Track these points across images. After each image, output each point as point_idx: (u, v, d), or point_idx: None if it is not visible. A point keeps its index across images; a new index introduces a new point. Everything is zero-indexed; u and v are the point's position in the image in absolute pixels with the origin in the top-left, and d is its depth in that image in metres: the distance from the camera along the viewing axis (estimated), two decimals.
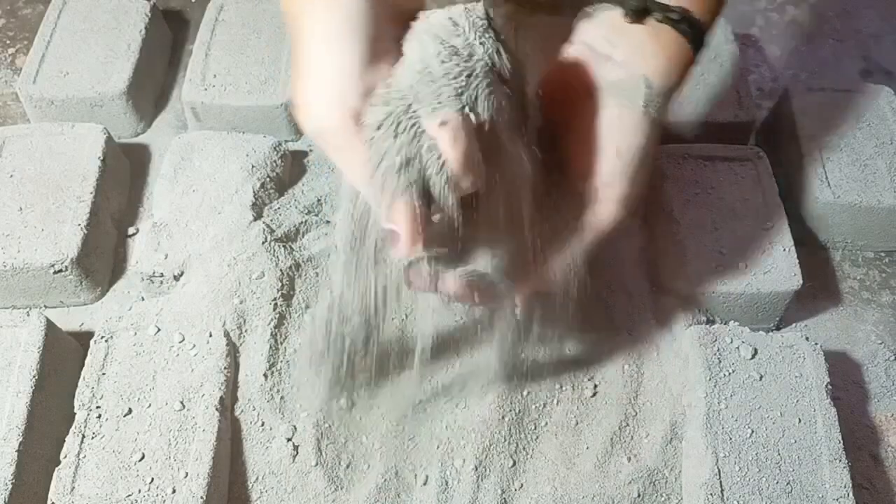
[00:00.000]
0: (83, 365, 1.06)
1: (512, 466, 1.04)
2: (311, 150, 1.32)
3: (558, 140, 0.91)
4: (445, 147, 0.77)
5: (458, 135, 0.77)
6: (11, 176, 1.21)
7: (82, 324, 1.19)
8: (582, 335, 1.10)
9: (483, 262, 0.90)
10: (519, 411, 1.07)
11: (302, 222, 1.19)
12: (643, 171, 0.89)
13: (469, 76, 0.77)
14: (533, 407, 1.07)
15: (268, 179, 1.23)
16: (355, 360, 0.96)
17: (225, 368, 1.06)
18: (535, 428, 1.07)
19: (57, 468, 0.99)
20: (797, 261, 1.16)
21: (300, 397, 1.05)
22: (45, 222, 1.17)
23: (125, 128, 1.37)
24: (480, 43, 0.78)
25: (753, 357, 1.07)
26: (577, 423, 1.07)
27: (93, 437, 1.00)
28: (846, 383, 1.15)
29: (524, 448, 1.06)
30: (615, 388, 1.10)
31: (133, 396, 1.03)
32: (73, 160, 1.23)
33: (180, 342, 1.08)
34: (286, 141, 1.32)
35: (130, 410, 1.02)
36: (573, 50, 0.92)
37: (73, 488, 0.97)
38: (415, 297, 0.95)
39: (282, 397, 1.07)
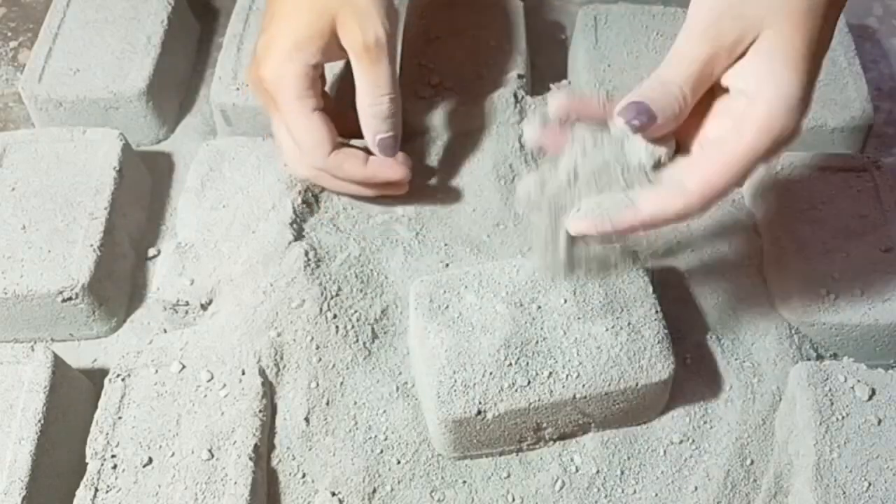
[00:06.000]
0: (96, 407, 1.05)
1: None
2: None
3: None
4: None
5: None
6: (13, 189, 1.21)
7: (95, 360, 1.18)
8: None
9: None
10: (609, 467, 1.06)
11: (347, 242, 1.19)
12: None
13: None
14: (624, 461, 1.06)
15: (309, 193, 1.22)
16: None
17: (260, 411, 1.05)
18: (626, 481, 1.06)
19: None
20: None
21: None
22: (51, 243, 1.16)
23: (145, 133, 1.37)
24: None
25: (871, 398, 1.04)
26: (672, 475, 1.06)
27: (107, 491, 0.99)
28: None
29: None
30: (712, 436, 1.08)
31: (154, 444, 1.02)
32: (84, 171, 1.23)
33: (208, 381, 1.07)
34: None
35: (151, 460, 1.01)
36: None
37: None
38: None
39: (325, 444, 1.05)
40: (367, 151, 1.18)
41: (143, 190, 1.30)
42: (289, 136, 1.16)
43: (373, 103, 1.15)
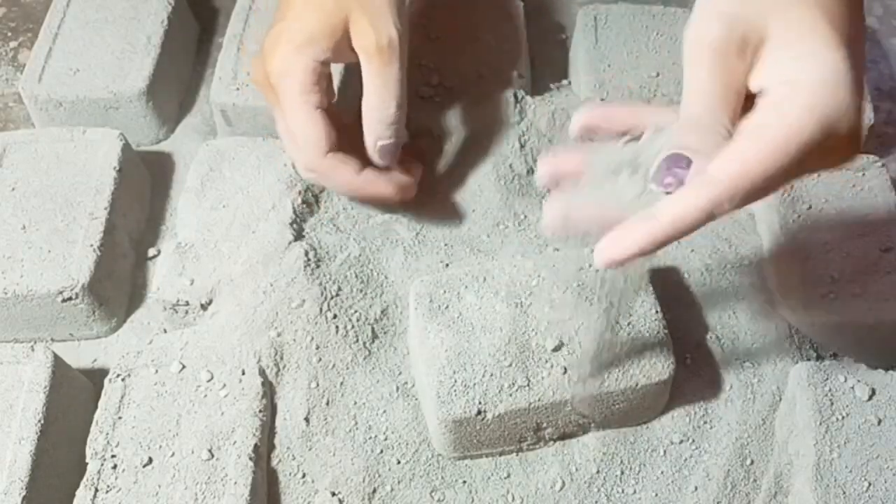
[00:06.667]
0: (96, 407, 1.05)
1: None
2: None
3: None
4: None
5: None
6: (13, 189, 1.21)
7: (95, 360, 1.18)
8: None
9: None
10: (608, 467, 1.06)
11: (347, 242, 1.19)
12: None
13: None
14: (624, 461, 1.06)
15: (309, 193, 1.22)
16: None
17: (260, 411, 1.04)
18: (626, 481, 1.06)
19: None
20: None
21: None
22: (51, 243, 1.15)
23: (145, 133, 1.36)
24: None
25: (871, 398, 1.04)
26: (672, 475, 1.06)
27: (107, 491, 0.99)
28: None
29: None
30: (712, 436, 1.08)
31: (154, 444, 1.02)
32: (84, 171, 1.22)
33: (208, 381, 1.07)
34: None
35: (151, 460, 1.01)
36: None
37: None
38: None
39: (325, 445, 1.05)
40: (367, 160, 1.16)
41: (143, 190, 1.30)
42: (290, 132, 1.14)
43: (379, 107, 1.12)
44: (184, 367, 1.07)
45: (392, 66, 1.11)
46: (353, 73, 1.20)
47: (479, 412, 0.99)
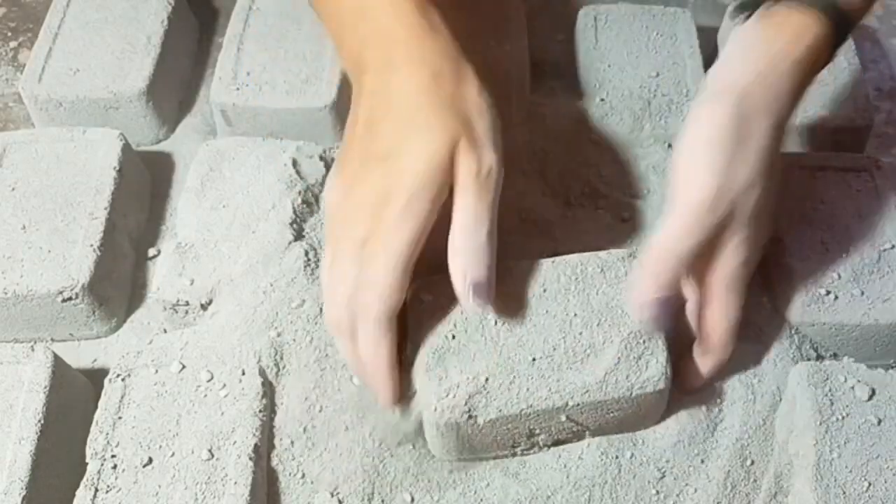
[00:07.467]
0: (96, 407, 1.04)
1: None
2: None
3: None
4: None
5: None
6: (13, 189, 1.20)
7: (95, 360, 1.18)
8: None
9: None
10: (607, 468, 1.05)
11: None
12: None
13: None
14: (623, 461, 1.06)
15: (309, 193, 1.22)
16: None
17: (260, 411, 1.04)
18: (626, 481, 1.05)
19: None
20: None
21: None
22: (51, 243, 1.15)
23: (145, 133, 1.36)
24: None
25: (871, 398, 1.04)
26: (672, 476, 1.05)
27: (107, 491, 0.98)
28: None
29: None
30: (710, 435, 1.08)
31: (154, 444, 1.01)
32: (84, 171, 1.22)
33: (208, 381, 1.06)
34: (330, 148, 1.30)
35: (151, 460, 1.00)
36: None
37: None
38: None
39: (325, 445, 1.05)
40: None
41: (143, 190, 1.30)
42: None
43: (469, 240, 0.97)
44: (184, 367, 1.07)
45: (486, 198, 0.97)
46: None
47: (469, 416, 0.98)
